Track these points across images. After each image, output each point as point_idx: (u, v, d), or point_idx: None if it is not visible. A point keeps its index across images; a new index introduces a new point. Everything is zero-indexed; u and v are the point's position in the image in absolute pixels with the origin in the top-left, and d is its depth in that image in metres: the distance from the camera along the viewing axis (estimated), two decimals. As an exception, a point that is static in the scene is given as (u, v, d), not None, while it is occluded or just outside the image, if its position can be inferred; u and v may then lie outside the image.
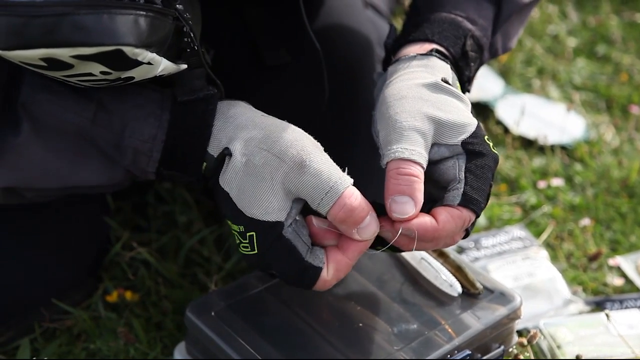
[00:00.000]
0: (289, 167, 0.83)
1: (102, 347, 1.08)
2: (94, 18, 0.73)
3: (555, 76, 1.77)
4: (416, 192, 0.83)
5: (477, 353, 0.94)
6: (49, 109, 0.85)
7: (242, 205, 0.84)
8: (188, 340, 0.99)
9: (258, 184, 0.83)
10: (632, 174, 1.45)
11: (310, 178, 0.83)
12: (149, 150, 0.87)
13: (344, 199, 0.82)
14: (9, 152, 0.85)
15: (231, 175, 0.85)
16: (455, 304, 0.97)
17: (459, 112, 0.88)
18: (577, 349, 1.07)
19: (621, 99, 1.68)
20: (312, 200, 0.83)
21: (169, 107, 0.87)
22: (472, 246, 1.27)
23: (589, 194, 1.42)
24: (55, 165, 0.87)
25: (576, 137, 1.55)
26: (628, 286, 1.24)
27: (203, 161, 0.87)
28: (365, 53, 1.20)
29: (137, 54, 0.77)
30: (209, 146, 0.86)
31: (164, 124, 0.87)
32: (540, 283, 1.20)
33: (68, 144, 0.87)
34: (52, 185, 0.89)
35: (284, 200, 0.84)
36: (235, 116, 0.88)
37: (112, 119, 0.86)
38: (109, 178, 0.90)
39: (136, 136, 0.86)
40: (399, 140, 0.85)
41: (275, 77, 1.18)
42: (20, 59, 0.75)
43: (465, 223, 0.85)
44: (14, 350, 1.07)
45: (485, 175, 0.86)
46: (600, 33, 1.93)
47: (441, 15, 0.99)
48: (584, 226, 1.34)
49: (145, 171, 0.89)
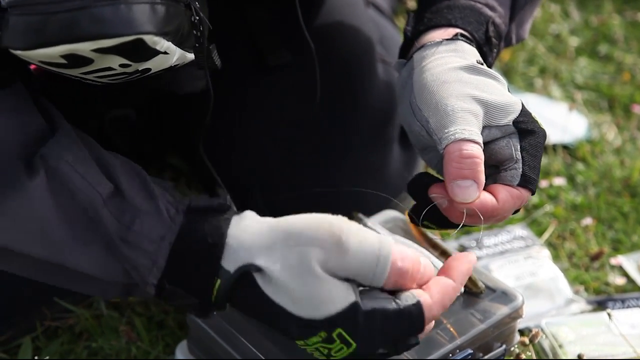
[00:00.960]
0: (327, 251, 0.76)
1: (104, 345, 1.08)
2: (112, 9, 0.72)
3: (557, 75, 1.77)
4: (479, 174, 0.81)
5: (478, 352, 0.94)
6: (67, 171, 0.79)
7: (306, 312, 0.76)
8: (190, 339, 0.99)
9: (308, 283, 0.75)
10: (634, 173, 1.45)
11: (352, 258, 0.76)
12: (154, 253, 0.78)
13: (396, 266, 0.77)
14: (12, 198, 0.78)
15: (278, 287, 0.76)
16: (457, 303, 0.97)
17: (501, 93, 0.87)
18: (579, 348, 1.07)
19: (623, 98, 1.68)
20: (363, 279, 0.77)
21: (184, 210, 0.80)
22: (474, 245, 1.26)
23: (591, 193, 1.42)
24: (56, 231, 0.79)
25: (578, 136, 1.55)
26: (630, 285, 1.23)
27: (215, 277, 0.78)
28: (366, 52, 1.20)
29: (156, 42, 0.76)
30: (224, 259, 0.77)
31: (176, 227, 0.79)
32: (542, 282, 1.20)
33: (75, 215, 0.79)
34: (43, 254, 0.79)
35: (340, 284, 0.76)
36: (248, 225, 0.79)
37: (124, 207, 0.79)
38: (105, 271, 0.80)
39: (145, 233, 0.78)
40: (455, 122, 0.83)
41: (276, 77, 1.18)
42: (41, 57, 0.74)
43: (522, 202, 0.85)
44: (15, 348, 1.07)
45: (538, 153, 0.86)
46: (603, 32, 1.92)
47: (460, 2, 0.97)
48: (586, 225, 1.34)
49: (145, 281, 0.79)
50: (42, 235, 0.79)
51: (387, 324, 0.76)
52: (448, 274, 0.81)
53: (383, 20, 1.32)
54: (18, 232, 0.79)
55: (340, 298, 0.75)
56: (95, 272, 0.80)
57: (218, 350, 0.93)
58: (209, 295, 0.79)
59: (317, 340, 0.77)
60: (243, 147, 1.19)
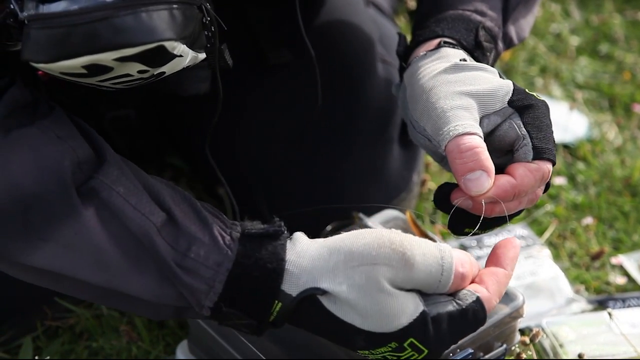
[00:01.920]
0: (392, 267, 0.77)
1: (104, 345, 1.08)
2: (133, 18, 0.72)
3: (557, 75, 1.77)
4: (485, 162, 0.81)
5: (479, 352, 0.94)
6: (119, 203, 0.79)
7: (377, 327, 0.77)
8: (191, 339, 0.99)
9: (378, 300, 0.77)
10: (635, 172, 1.45)
11: (419, 269, 0.78)
12: (211, 279, 0.79)
13: (458, 272, 0.80)
14: (67, 227, 0.78)
15: (345, 308, 0.77)
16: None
17: (490, 80, 0.88)
18: (580, 347, 1.07)
19: (624, 97, 1.68)
20: (429, 288, 0.79)
21: (238, 237, 0.81)
22: (475, 245, 1.26)
23: (591, 192, 1.42)
24: (110, 258, 0.79)
25: (579, 135, 1.55)
26: (630, 285, 1.23)
27: (275, 300, 0.79)
28: (367, 51, 1.20)
29: (175, 47, 0.76)
30: (284, 284, 0.78)
31: (233, 253, 0.79)
32: (542, 282, 1.20)
33: (129, 243, 0.79)
34: (97, 280, 0.80)
35: (408, 296, 0.78)
36: (305, 250, 0.80)
37: (179, 234, 0.79)
38: (159, 296, 0.80)
39: (201, 260, 0.79)
40: (447, 122, 0.83)
41: (277, 77, 1.18)
42: (63, 69, 0.74)
43: (545, 175, 0.84)
44: (16, 348, 1.07)
45: (544, 123, 0.85)
46: (603, 32, 1.92)
47: (449, 13, 0.98)
48: (587, 225, 1.34)
49: (201, 304, 0.80)
50: (96, 263, 0.79)
51: (453, 325, 0.78)
52: (498, 262, 0.82)
53: (383, 19, 1.32)
54: (72, 260, 0.79)
55: (410, 309, 0.77)
56: (149, 297, 0.81)
57: (219, 350, 0.93)
58: (267, 316, 0.80)
59: (385, 349, 0.79)
60: (243, 147, 1.19)
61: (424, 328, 0.77)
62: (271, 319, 0.80)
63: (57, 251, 0.79)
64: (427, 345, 0.78)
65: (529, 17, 1.08)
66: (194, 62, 0.82)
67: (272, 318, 0.80)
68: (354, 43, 1.20)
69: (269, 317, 0.80)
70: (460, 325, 0.79)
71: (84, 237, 0.78)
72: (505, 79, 0.90)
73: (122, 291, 0.81)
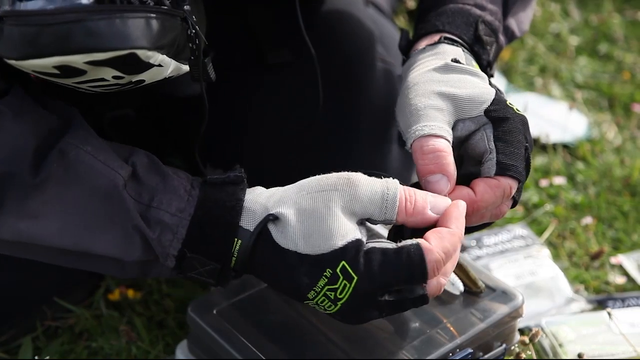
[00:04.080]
0: (340, 191, 0.80)
1: (104, 345, 1.08)
2: (106, 23, 0.73)
3: (557, 74, 1.77)
4: (446, 166, 0.82)
5: (478, 351, 0.94)
6: (88, 160, 0.82)
7: (316, 248, 0.79)
8: (190, 339, 0.99)
9: (321, 220, 0.79)
10: (635, 172, 1.45)
11: (364, 189, 0.81)
12: (175, 225, 0.82)
13: (404, 194, 0.81)
14: (31, 198, 0.81)
15: (290, 231, 0.80)
16: (457, 302, 0.97)
17: (473, 85, 0.88)
18: (579, 347, 1.07)
19: (623, 97, 1.68)
20: (378, 210, 0.81)
21: (199, 185, 0.85)
22: (474, 244, 1.26)
23: (591, 192, 1.42)
24: (76, 223, 0.82)
25: (578, 135, 1.55)
26: (630, 284, 1.24)
27: (234, 238, 0.82)
28: (366, 51, 1.20)
29: (150, 56, 0.76)
30: (242, 220, 0.82)
31: (194, 199, 0.83)
32: (542, 282, 1.20)
33: (95, 202, 0.82)
34: (66, 244, 0.83)
35: (352, 223, 0.80)
36: (263, 192, 0.84)
37: (142, 189, 0.83)
38: (125, 252, 0.83)
39: (163, 208, 0.82)
40: (417, 120, 0.85)
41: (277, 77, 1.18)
42: (35, 68, 0.75)
43: (506, 191, 0.84)
44: (16, 349, 1.07)
45: (515, 138, 0.85)
46: (603, 31, 1.93)
47: (449, 7, 0.99)
48: (586, 225, 1.34)
49: (166, 253, 0.83)
50: (64, 227, 0.82)
51: (385, 260, 0.78)
52: (442, 223, 0.81)
53: (383, 19, 1.32)
54: (40, 229, 0.82)
55: (348, 233, 0.79)
56: (116, 254, 0.83)
57: (218, 350, 0.93)
58: (229, 258, 0.82)
59: (322, 283, 0.79)
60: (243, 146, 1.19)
61: (356, 252, 0.78)
62: (232, 263, 0.82)
63: (25, 223, 0.81)
64: (356, 271, 0.78)
65: (528, 10, 1.08)
66: (177, 73, 0.83)
67: (234, 261, 0.82)
68: (353, 43, 1.20)
69: (230, 260, 0.82)
70: (392, 263, 0.78)
71: (51, 206, 0.81)
72: (494, 86, 0.90)
73: (90, 251, 0.83)
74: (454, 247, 0.80)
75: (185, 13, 0.79)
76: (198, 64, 0.84)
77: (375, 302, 0.80)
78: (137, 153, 0.86)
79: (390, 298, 0.80)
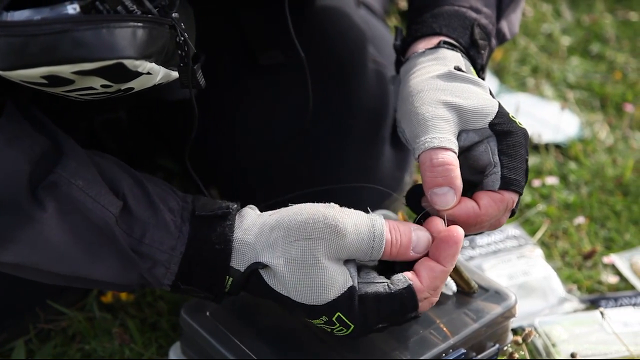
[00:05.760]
0: (326, 240, 0.81)
1: (97, 347, 1.08)
2: (93, 33, 0.73)
3: (549, 75, 1.77)
4: (454, 180, 0.83)
5: (472, 352, 0.94)
6: (80, 197, 0.82)
7: (309, 299, 0.82)
8: (183, 341, 0.99)
9: (310, 273, 0.81)
10: (626, 172, 1.46)
11: (351, 238, 0.82)
12: (167, 261, 0.84)
13: (390, 237, 0.83)
14: (29, 227, 0.82)
15: (281, 280, 0.82)
16: (450, 302, 0.97)
17: (478, 97, 0.88)
18: (572, 347, 1.07)
19: (615, 97, 1.69)
20: (364, 255, 0.83)
21: (189, 219, 0.86)
22: (467, 245, 1.26)
23: (583, 192, 1.42)
24: (73, 252, 0.84)
25: (570, 135, 1.55)
26: (622, 284, 1.24)
27: (226, 276, 0.84)
28: (358, 52, 1.20)
29: (137, 65, 0.76)
30: (232, 261, 0.84)
31: (184, 236, 0.85)
32: (535, 281, 1.20)
33: (90, 234, 0.83)
34: (64, 271, 0.85)
35: (341, 269, 0.82)
36: (251, 226, 0.85)
37: (134, 223, 0.84)
38: (122, 279, 0.86)
39: (156, 245, 0.84)
40: (426, 131, 0.85)
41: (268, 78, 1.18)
42: (22, 78, 0.75)
43: (509, 205, 0.86)
44: (8, 352, 1.07)
45: (518, 153, 0.86)
46: (594, 31, 1.93)
47: (445, 9, 0.99)
48: (579, 224, 1.34)
49: (160, 283, 0.86)
50: (61, 256, 0.84)
51: (380, 306, 0.82)
52: (437, 256, 0.83)
53: (374, 20, 1.32)
54: (38, 256, 0.83)
55: (339, 284, 0.81)
56: (113, 280, 0.86)
57: (211, 352, 0.93)
58: (222, 290, 0.85)
59: (319, 321, 0.83)
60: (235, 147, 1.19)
61: (350, 303, 0.81)
62: (226, 291, 0.86)
63: (24, 250, 0.82)
64: (353, 320, 0.81)
65: (518, 11, 1.09)
66: (167, 79, 0.83)
67: (227, 290, 0.86)
68: (345, 44, 1.20)
69: (223, 290, 0.86)
70: (387, 307, 0.82)
71: (47, 235, 0.82)
72: (494, 97, 0.90)
73: (90, 278, 0.86)
74: (443, 283, 0.84)
75: (174, 21, 0.79)
76: (187, 71, 0.84)
77: (371, 332, 0.84)
78: (127, 181, 0.86)
79: (384, 325, 0.84)
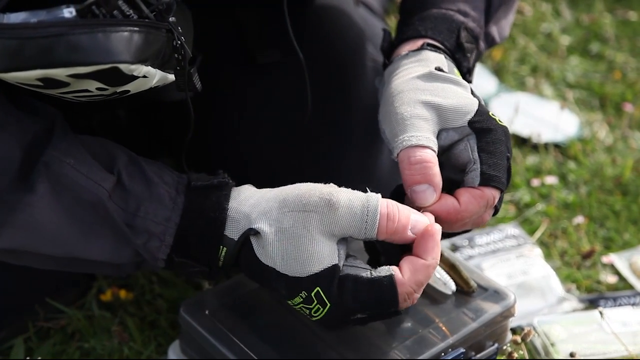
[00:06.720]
0: (319, 213, 0.81)
1: (96, 346, 1.08)
2: (89, 37, 0.73)
3: (548, 74, 1.77)
4: (432, 177, 0.83)
5: (471, 351, 0.94)
6: (71, 175, 0.82)
7: (293, 270, 0.81)
8: (182, 339, 0.99)
9: (299, 243, 0.81)
10: (626, 171, 1.46)
11: (344, 211, 0.81)
12: (161, 233, 0.84)
13: (386, 212, 0.82)
14: (21, 211, 0.81)
15: (269, 249, 0.82)
16: (449, 302, 0.97)
17: (457, 95, 0.89)
18: (571, 346, 1.07)
19: (614, 96, 1.69)
20: (358, 231, 0.82)
21: (184, 191, 0.86)
22: (466, 244, 1.27)
23: (582, 191, 1.42)
24: (66, 232, 0.83)
25: (570, 135, 1.55)
26: (621, 284, 1.24)
27: (220, 246, 0.84)
28: (357, 51, 1.20)
29: (133, 69, 0.76)
30: (227, 229, 0.84)
31: (179, 207, 0.84)
32: (534, 281, 1.20)
33: (83, 213, 0.83)
34: (58, 252, 0.85)
35: (330, 245, 0.82)
36: (247, 198, 0.85)
37: (128, 197, 0.84)
38: (117, 257, 0.85)
39: (150, 217, 0.84)
40: (404, 130, 0.85)
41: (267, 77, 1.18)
42: (17, 80, 0.75)
43: (490, 201, 0.86)
44: (7, 350, 1.07)
45: (498, 149, 0.87)
46: (594, 31, 1.93)
47: (432, 12, 0.99)
48: (578, 224, 1.34)
49: (155, 257, 0.85)
50: (55, 238, 0.83)
51: (357, 287, 0.81)
52: (417, 251, 0.82)
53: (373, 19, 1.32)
54: (32, 239, 0.83)
55: (325, 259, 0.81)
56: (109, 259, 0.86)
57: (210, 350, 0.93)
58: (216, 262, 0.85)
59: (298, 300, 0.82)
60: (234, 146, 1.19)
61: (331, 279, 0.80)
62: (220, 264, 0.85)
63: (17, 234, 0.82)
64: (330, 298, 0.81)
65: (510, 15, 1.09)
66: (163, 82, 0.84)
67: (221, 263, 0.85)
68: (344, 43, 1.20)
69: (217, 263, 0.85)
70: (365, 292, 0.81)
71: (41, 218, 0.82)
72: (476, 95, 0.91)
73: (83, 258, 0.85)
74: (426, 278, 0.82)
75: (170, 25, 0.79)
76: (183, 75, 0.84)
77: (348, 321, 0.83)
78: (120, 157, 0.86)
79: (363, 316, 0.83)
